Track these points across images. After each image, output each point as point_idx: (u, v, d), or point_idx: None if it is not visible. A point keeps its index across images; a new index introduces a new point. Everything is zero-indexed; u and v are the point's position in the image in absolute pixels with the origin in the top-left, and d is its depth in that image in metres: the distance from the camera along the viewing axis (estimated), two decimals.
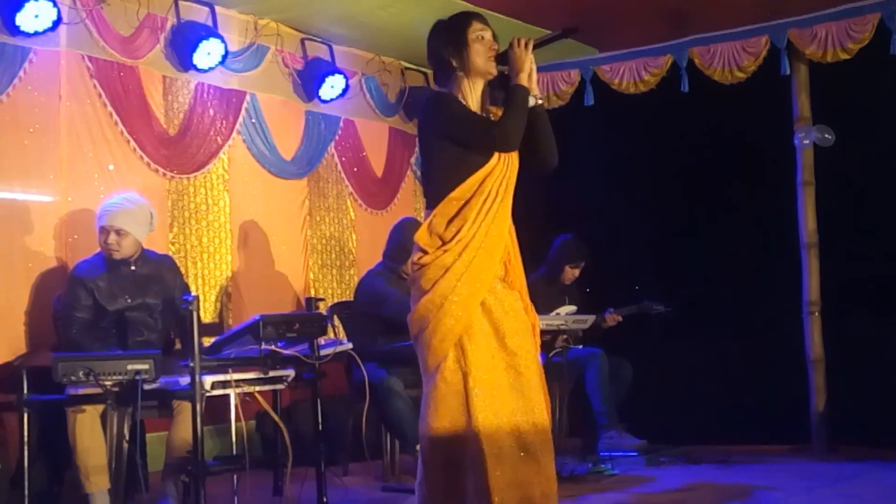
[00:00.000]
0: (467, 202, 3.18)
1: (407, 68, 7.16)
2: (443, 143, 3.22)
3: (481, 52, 3.26)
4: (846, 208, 6.28)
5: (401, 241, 5.65)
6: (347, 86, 6.49)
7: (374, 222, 6.90)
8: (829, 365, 6.26)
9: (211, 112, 5.90)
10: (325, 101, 6.50)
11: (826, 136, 6.32)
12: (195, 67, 5.72)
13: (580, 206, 7.07)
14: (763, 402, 6.27)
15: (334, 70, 6.41)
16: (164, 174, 5.65)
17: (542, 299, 6.22)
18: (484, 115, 3.31)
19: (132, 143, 5.48)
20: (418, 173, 7.30)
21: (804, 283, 6.34)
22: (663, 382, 6.38)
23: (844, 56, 6.16)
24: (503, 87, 3.28)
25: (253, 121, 6.15)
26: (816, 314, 6.30)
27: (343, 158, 6.73)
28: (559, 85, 6.87)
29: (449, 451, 3.14)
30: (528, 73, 3.22)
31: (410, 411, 5.26)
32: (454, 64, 3.28)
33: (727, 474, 5.28)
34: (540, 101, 3.27)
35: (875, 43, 6.06)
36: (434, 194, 3.24)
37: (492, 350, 3.17)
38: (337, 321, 5.84)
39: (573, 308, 6.21)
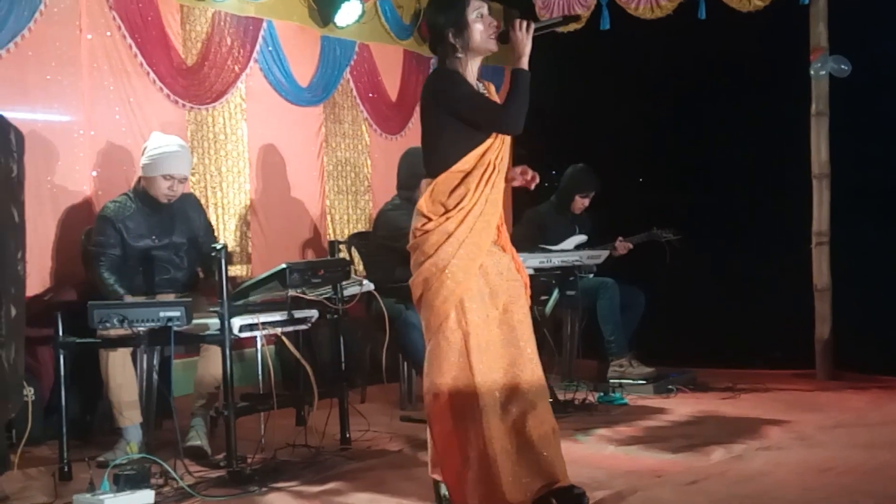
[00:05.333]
0: (469, 173, 3.34)
1: None
2: (450, 119, 3.35)
3: (482, 32, 3.35)
4: (859, 140, 6.32)
5: (410, 167, 5.69)
6: (363, 10, 6.46)
7: (388, 147, 6.95)
8: (834, 295, 6.40)
9: (228, 41, 5.90)
10: (340, 27, 6.48)
11: (842, 66, 6.31)
12: None
13: (593, 132, 7.09)
14: (769, 329, 6.43)
15: None
16: (183, 105, 5.68)
17: (553, 229, 6.31)
18: (480, 89, 3.43)
19: (151, 74, 5.49)
20: None
21: (814, 213, 6.43)
22: (673, 309, 6.52)
23: None
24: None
25: (269, 48, 6.14)
26: (825, 244, 6.41)
27: (358, 84, 6.74)
28: (575, 8, 6.80)
29: (454, 405, 3.32)
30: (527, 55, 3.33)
31: None
32: (457, 45, 3.37)
33: (733, 406, 5.46)
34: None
35: None
36: (437, 164, 3.38)
37: (487, 309, 3.36)
38: (355, 252, 5.95)
39: (584, 238, 6.29)
